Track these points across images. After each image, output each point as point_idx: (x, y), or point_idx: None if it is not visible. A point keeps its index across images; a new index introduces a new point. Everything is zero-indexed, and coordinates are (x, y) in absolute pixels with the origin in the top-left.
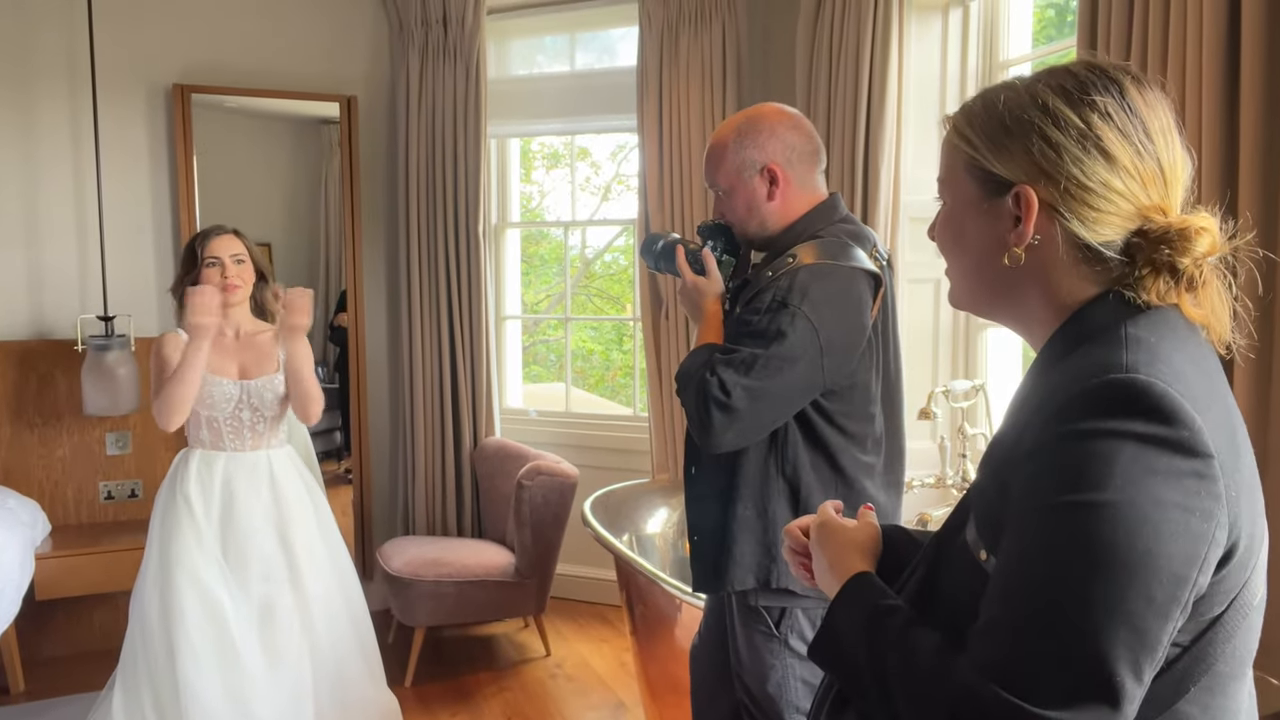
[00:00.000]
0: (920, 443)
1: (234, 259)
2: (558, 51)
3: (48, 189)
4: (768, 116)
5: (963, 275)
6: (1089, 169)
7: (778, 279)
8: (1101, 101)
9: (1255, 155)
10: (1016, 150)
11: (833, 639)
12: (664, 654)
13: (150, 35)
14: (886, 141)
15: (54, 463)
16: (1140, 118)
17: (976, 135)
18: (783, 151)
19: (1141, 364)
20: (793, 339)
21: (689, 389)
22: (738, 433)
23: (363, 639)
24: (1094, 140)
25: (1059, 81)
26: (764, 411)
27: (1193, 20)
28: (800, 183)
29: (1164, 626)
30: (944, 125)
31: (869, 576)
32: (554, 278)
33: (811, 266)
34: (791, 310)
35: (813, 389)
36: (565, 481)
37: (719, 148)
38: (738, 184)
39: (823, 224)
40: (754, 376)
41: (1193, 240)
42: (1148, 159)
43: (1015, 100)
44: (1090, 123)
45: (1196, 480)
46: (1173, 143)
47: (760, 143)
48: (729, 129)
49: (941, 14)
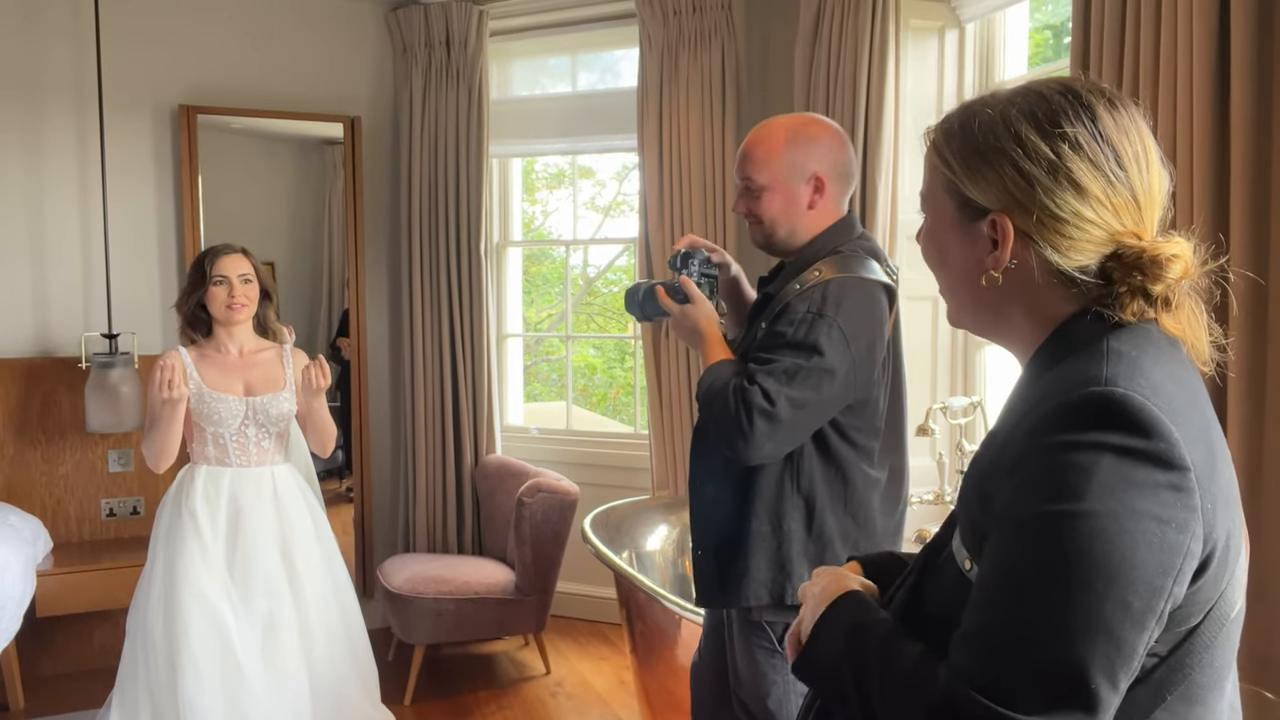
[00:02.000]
0: (919, 459)
1: (241, 278)
2: (560, 73)
3: (54, 207)
4: (825, 128)
5: (949, 292)
6: (1060, 200)
7: (808, 291)
8: (1072, 132)
9: (1246, 174)
10: (991, 179)
11: (815, 652)
12: (663, 672)
13: (157, 56)
14: (884, 161)
15: (56, 480)
16: (1112, 145)
17: (954, 158)
18: (832, 165)
19: (1120, 377)
20: (830, 350)
21: (719, 402)
22: (778, 443)
23: (359, 657)
24: (1065, 172)
25: (1031, 108)
26: (804, 422)
27: (1183, 42)
28: (835, 199)
29: (1140, 635)
30: (926, 139)
31: (856, 594)
32: (556, 296)
33: (841, 280)
34: (828, 321)
35: (844, 401)
36: (565, 499)
37: (768, 144)
38: (781, 184)
39: (843, 240)
40: (796, 387)
41: (1164, 267)
42: (1120, 188)
43: (990, 125)
44: (1061, 154)
45: (1173, 492)
46: (1147, 165)
47: (812, 151)
48: (779, 128)
49: (938, 35)
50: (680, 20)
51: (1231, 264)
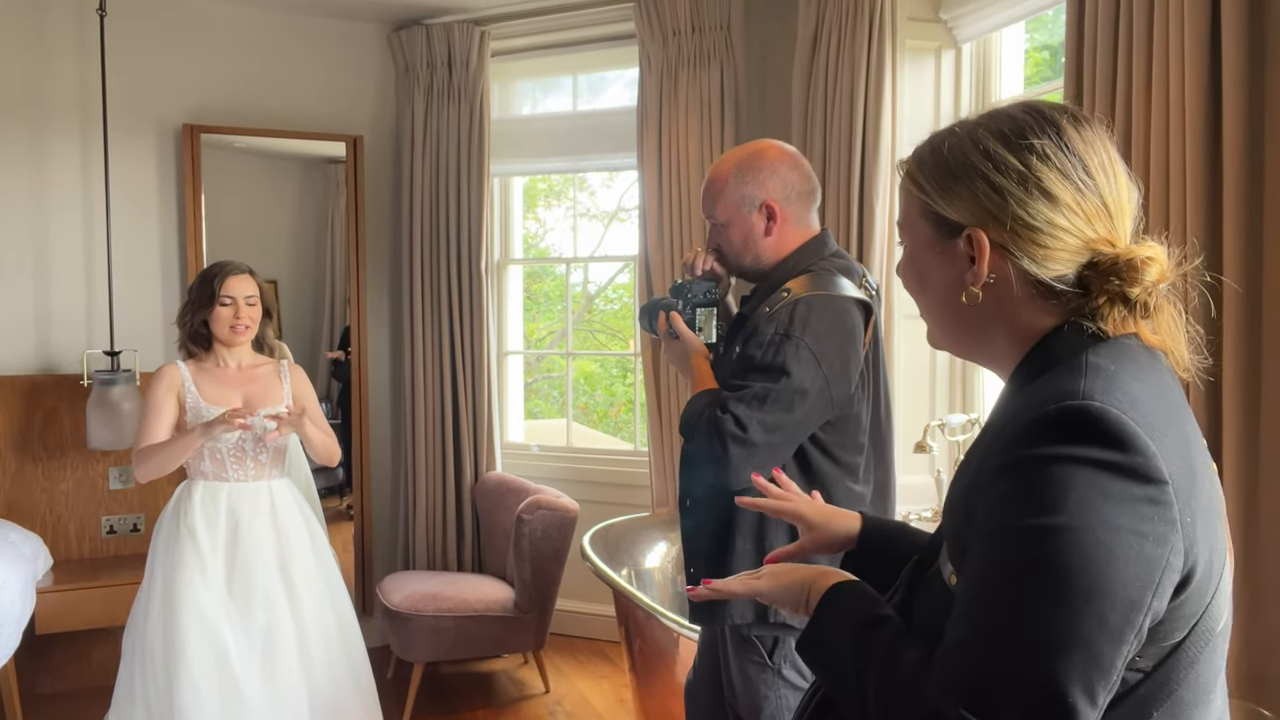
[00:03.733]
0: (917, 477)
1: (247, 300)
2: (560, 92)
3: (58, 225)
4: (767, 154)
5: (930, 314)
6: (1032, 209)
7: (776, 313)
8: (1039, 144)
9: (1239, 192)
10: (963, 195)
11: (819, 639)
12: (662, 690)
13: (161, 76)
14: (881, 179)
15: (57, 497)
16: (1079, 156)
17: (926, 180)
18: (781, 189)
19: (1098, 391)
20: (799, 370)
21: (698, 431)
22: (757, 466)
23: (359, 674)
24: (1035, 182)
25: (998, 126)
26: (780, 443)
27: (1175, 61)
28: (796, 219)
29: (1118, 650)
30: (899, 170)
31: (860, 584)
32: (558, 314)
33: (808, 298)
34: (795, 341)
35: (822, 418)
36: (565, 516)
37: (718, 181)
38: (735, 218)
39: (814, 259)
40: (768, 410)
41: (1140, 270)
42: (1090, 195)
43: (958, 146)
44: (1030, 165)
45: (1150, 506)
46: (1115, 175)
47: (760, 179)
48: (729, 163)
49: (934, 56)
50: (680, 41)
51: (1225, 278)
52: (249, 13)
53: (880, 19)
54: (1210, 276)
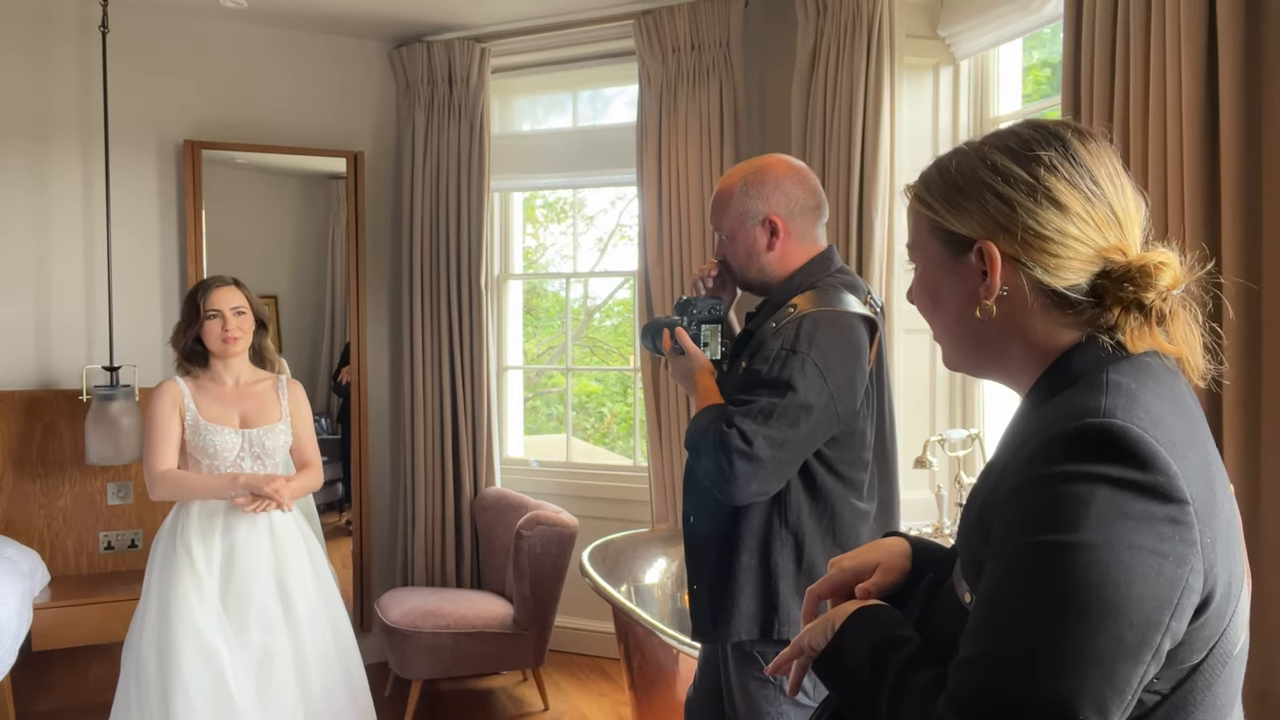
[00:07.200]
0: (917, 492)
1: (234, 311)
2: (560, 108)
3: (58, 240)
4: (774, 169)
5: (945, 334)
6: (1043, 218)
7: (782, 328)
8: (1046, 156)
9: (1236, 205)
10: (973, 208)
11: (839, 657)
12: (661, 707)
13: (163, 92)
14: (880, 195)
15: (55, 512)
16: (1086, 167)
17: (935, 199)
18: (785, 204)
19: (1119, 409)
20: (804, 386)
21: (704, 446)
22: (762, 482)
23: (356, 694)
24: (1043, 191)
25: (1004, 142)
26: (786, 459)
27: (1171, 78)
28: (800, 235)
29: (1134, 670)
30: (906, 194)
31: (886, 606)
32: (558, 329)
33: (814, 314)
34: (801, 356)
35: (827, 434)
36: (564, 531)
37: (725, 194)
38: (739, 231)
39: (820, 275)
40: (773, 425)
41: (1154, 275)
42: (1098, 204)
43: (966, 163)
44: (1038, 176)
45: (1170, 525)
46: (1122, 187)
47: (765, 194)
48: (736, 176)
49: (932, 72)
50: (679, 58)
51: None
52: (250, 30)
53: (879, 36)
54: (1225, 295)
